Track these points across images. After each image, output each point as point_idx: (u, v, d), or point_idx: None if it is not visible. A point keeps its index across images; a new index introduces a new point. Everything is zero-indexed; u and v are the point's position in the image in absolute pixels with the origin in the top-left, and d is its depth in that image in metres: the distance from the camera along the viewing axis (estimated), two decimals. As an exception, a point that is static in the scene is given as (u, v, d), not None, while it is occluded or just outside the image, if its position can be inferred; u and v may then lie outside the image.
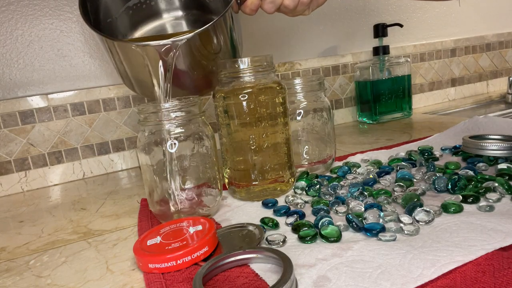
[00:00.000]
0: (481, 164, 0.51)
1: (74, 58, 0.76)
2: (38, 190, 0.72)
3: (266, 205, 0.47)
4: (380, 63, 0.94)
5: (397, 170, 0.53)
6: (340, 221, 0.39)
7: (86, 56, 0.77)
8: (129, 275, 0.35)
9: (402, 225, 0.36)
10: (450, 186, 0.43)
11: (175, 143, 0.43)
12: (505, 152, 0.50)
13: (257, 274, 0.32)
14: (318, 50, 1.00)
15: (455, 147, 0.60)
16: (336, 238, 0.36)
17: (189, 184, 0.45)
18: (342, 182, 0.51)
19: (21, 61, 0.72)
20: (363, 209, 0.41)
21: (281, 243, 0.36)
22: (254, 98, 0.47)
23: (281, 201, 0.48)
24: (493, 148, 0.51)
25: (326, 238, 0.36)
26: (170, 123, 0.43)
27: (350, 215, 0.38)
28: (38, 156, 0.73)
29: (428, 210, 0.38)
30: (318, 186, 0.49)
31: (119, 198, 0.61)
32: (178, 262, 0.34)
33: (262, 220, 0.41)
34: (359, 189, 0.46)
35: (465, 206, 0.39)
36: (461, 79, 1.21)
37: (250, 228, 0.40)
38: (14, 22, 0.71)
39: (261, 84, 0.47)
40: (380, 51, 0.95)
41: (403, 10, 1.10)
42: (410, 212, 0.38)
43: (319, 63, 0.98)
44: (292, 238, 0.38)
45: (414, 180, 0.49)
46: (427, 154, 0.58)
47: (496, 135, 0.56)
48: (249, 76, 0.47)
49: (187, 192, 0.45)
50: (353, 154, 0.65)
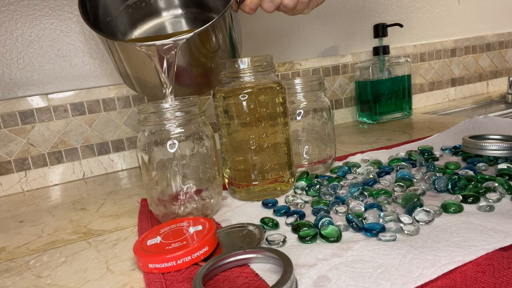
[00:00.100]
0: (481, 164, 0.51)
1: (74, 58, 0.76)
2: (38, 190, 0.72)
3: (266, 205, 0.47)
4: (380, 63, 0.94)
5: (397, 170, 0.53)
6: (340, 221, 0.39)
7: (86, 56, 0.77)
8: (129, 275, 0.35)
9: (402, 225, 0.36)
10: (450, 186, 0.43)
11: (175, 143, 0.43)
12: (505, 152, 0.50)
13: (257, 274, 0.32)
14: (318, 50, 1.00)
15: (455, 147, 0.60)
16: (336, 238, 0.36)
17: (189, 184, 0.45)
18: (342, 182, 0.51)
19: (21, 61, 0.73)
20: (363, 209, 0.41)
21: (281, 243, 0.36)
22: (254, 98, 0.46)
23: (281, 201, 0.48)
24: (493, 148, 0.51)
25: (326, 238, 0.36)
26: (170, 123, 0.43)
27: (350, 215, 0.38)
28: (38, 156, 0.73)
29: (428, 210, 0.38)
30: (318, 186, 0.49)
31: (119, 198, 0.61)
32: (178, 262, 0.34)
33: (262, 220, 0.41)
34: (359, 189, 0.46)
35: (465, 206, 0.39)
36: (461, 79, 1.21)
37: (250, 228, 0.40)
38: (14, 22, 0.71)
39: (261, 84, 0.47)
40: (380, 51, 0.95)
41: (403, 10, 1.10)
42: (410, 212, 0.38)
43: (319, 63, 0.98)
44: (292, 238, 0.38)
45: (414, 180, 0.49)
46: (427, 154, 0.58)
47: (496, 135, 0.56)
48: (249, 76, 0.47)
49: (187, 192, 0.45)
50: (353, 154, 0.65)
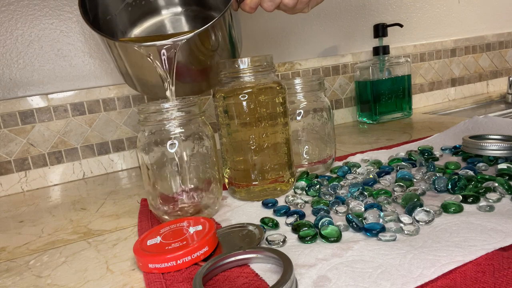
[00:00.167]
0: (481, 164, 0.51)
1: (74, 58, 0.76)
2: (38, 190, 0.72)
3: (266, 205, 0.47)
4: (380, 63, 0.94)
5: (397, 170, 0.53)
6: (340, 221, 0.39)
7: (86, 56, 0.77)
8: (129, 275, 0.35)
9: (402, 225, 0.36)
10: (450, 186, 0.43)
11: (175, 143, 0.43)
12: (505, 152, 0.50)
13: (257, 274, 0.32)
14: (318, 50, 1.00)
15: (455, 147, 0.60)
16: (336, 238, 0.36)
17: (189, 184, 0.45)
18: (342, 182, 0.51)
19: (21, 61, 0.73)
20: (363, 209, 0.41)
21: (281, 243, 0.36)
22: (254, 98, 0.46)
23: (281, 201, 0.48)
24: (493, 148, 0.51)
25: (326, 238, 0.36)
26: (170, 123, 0.43)
27: (350, 215, 0.38)
28: (38, 156, 0.73)
29: (428, 210, 0.38)
30: (318, 186, 0.49)
31: (119, 198, 0.61)
32: (178, 262, 0.34)
33: (262, 220, 0.41)
34: (359, 189, 0.46)
35: (465, 206, 0.39)
36: (461, 79, 1.21)
37: (250, 228, 0.40)
38: (14, 22, 0.71)
39: (261, 84, 0.47)
40: (380, 51, 0.95)
41: (403, 10, 1.10)
42: (410, 212, 0.38)
43: (319, 63, 0.98)
44: (292, 238, 0.38)
45: (414, 180, 0.49)
46: (427, 154, 0.58)
47: (496, 135, 0.56)
48: (249, 76, 0.47)
49: (187, 192, 0.45)
50: (353, 154, 0.65)
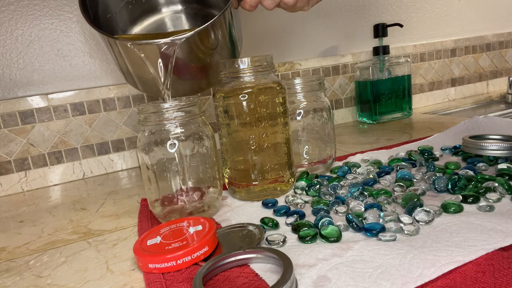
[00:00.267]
0: (481, 164, 0.51)
1: (74, 58, 0.76)
2: (38, 190, 0.72)
3: (266, 205, 0.47)
4: (380, 63, 0.94)
5: (397, 170, 0.53)
6: (340, 221, 0.39)
7: (86, 56, 0.77)
8: (129, 275, 0.35)
9: (402, 225, 0.36)
10: (450, 186, 0.43)
11: (175, 143, 0.43)
12: (505, 152, 0.50)
13: (257, 274, 0.32)
14: (318, 50, 1.00)
15: (455, 147, 0.60)
16: (336, 238, 0.36)
17: (189, 184, 0.45)
18: (342, 182, 0.51)
19: (21, 61, 0.73)
20: (363, 209, 0.41)
21: (281, 243, 0.36)
22: (254, 98, 0.46)
23: (281, 201, 0.48)
24: (493, 148, 0.51)
25: (326, 238, 0.36)
26: (170, 123, 0.43)
27: (350, 215, 0.38)
28: (38, 156, 0.73)
29: (428, 210, 0.38)
30: (318, 186, 0.49)
31: (119, 198, 0.61)
32: (178, 262, 0.34)
33: (262, 220, 0.41)
34: (359, 189, 0.46)
35: (465, 206, 0.39)
36: (461, 79, 1.21)
37: (250, 228, 0.40)
38: (14, 22, 0.71)
39: (261, 84, 0.47)
40: (380, 51, 0.95)
41: (403, 10, 1.10)
42: (410, 212, 0.38)
43: (319, 63, 0.98)
44: (292, 238, 0.38)
45: (414, 180, 0.49)
46: (427, 154, 0.58)
47: (496, 135, 0.56)
48: (249, 76, 0.47)
49: (187, 192, 0.45)
50: (353, 154, 0.65)
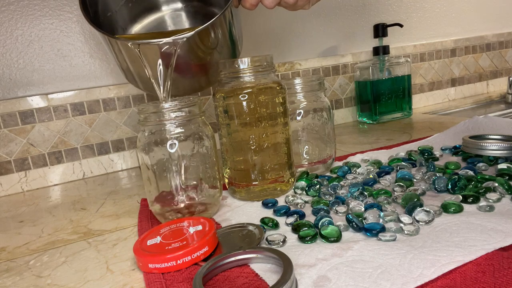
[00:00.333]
0: (481, 164, 0.51)
1: (74, 58, 0.76)
2: (38, 190, 0.72)
3: (266, 205, 0.47)
4: (380, 63, 0.94)
5: (397, 170, 0.53)
6: (340, 221, 0.39)
7: (86, 56, 0.77)
8: (129, 275, 0.35)
9: (402, 225, 0.36)
10: (450, 186, 0.43)
11: (175, 143, 0.43)
12: (505, 152, 0.50)
13: (257, 274, 0.32)
14: (318, 50, 1.00)
15: (455, 147, 0.60)
16: (336, 238, 0.36)
17: (189, 184, 0.45)
18: (342, 182, 0.51)
19: (21, 61, 0.72)
20: (363, 209, 0.41)
21: (281, 243, 0.36)
22: (254, 98, 0.46)
23: (281, 201, 0.48)
24: (493, 148, 0.51)
25: (326, 238, 0.36)
26: (170, 123, 0.43)
27: (350, 215, 0.38)
28: (38, 156, 0.73)
29: (428, 210, 0.38)
30: (318, 186, 0.49)
31: (119, 198, 0.61)
32: (178, 262, 0.34)
33: (262, 220, 0.41)
34: (359, 189, 0.46)
35: (465, 206, 0.39)
36: (461, 79, 1.21)
37: (250, 228, 0.40)
38: (14, 22, 0.71)
39: (261, 84, 0.47)
40: (380, 51, 0.95)
41: (403, 10, 1.10)
42: (410, 212, 0.38)
43: (319, 63, 0.98)
44: (292, 238, 0.38)
45: (414, 180, 0.49)
46: (427, 154, 0.58)
47: (496, 135, 0.56)
48: (249, 76, 0.47)
49: (187, 192, 0.45)
50: (353, 154, 0.65)
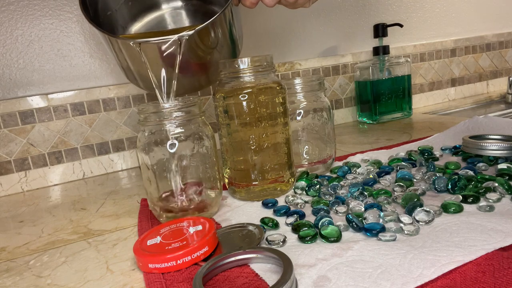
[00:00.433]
0: (481, 164, 0.51)
1: (74, 58, 0.76)
2: (38, 190, 0.72)
3: (266, 205, 0.47)
4: (380, 63, 0.94)
5: (397, 170, 0.53)
6: (340, 221, 0.39)
7: (86, 56, 0.77)
8: (129, 275, 0.35)
9: (402, 225, 0.36)
10: (450, 186, 0.43)
11: (175, 143, 0.43)
12: (505, 152, 0.50)
13: (257, 274, 0.32)
14: (318, 50, 1.00)
15: (455, 147, 0.60)
16: (336, 238, 0.36)
17: (189, 184, 0.45)
18: (342, 182, 0.51)
19: (21, 61, 0.72)
20: (363, 209, 0.41)
21: (281, 243, 0.36)
22: (254, 98, 0.46)
23: (281, 201, 0.48)
24: (493, 148, 0.51)
25: (326, 238, 0.36)
26: (170, 123, 0.43)
27: (350, 215, 0.38)
28: (38, 156, 0.73)
29: (428, 210, 0.38)
30: (318, 186, 0.49)
31: (119, 198, 0.61)
32: (178, 262, 0.34)
33: (262, 220, 0.41)
34: (359, 189, 0.46)
35: (465, 206, 0.39)
36: (461, 79, 1.21)
37: (250, 228, 0.40)
38: (14, 22, 0.71)
39: (261, 84, 0.47)
40: (380, 51, 0.95)
41: (403, 10, 1.10)
42: (410, 212, 0.38)
43: (319, 63, 0.98)
44: (292, 238, 0.38)
45: (414, 180, 0.49)
46: (427, 154, 0.58)
47: (496, 135, 0.56)
48: (249, 76, 0.47)
49: (187, 192, 0.45)
50: (353, 154, 0.65)
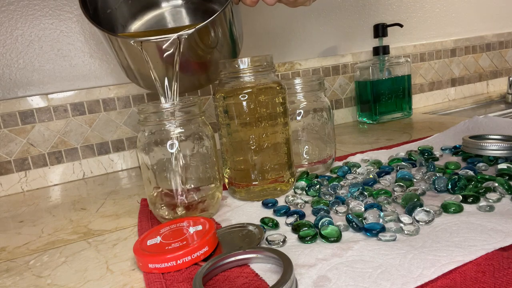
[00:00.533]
0: (481, 164, 0.51)
1: (74, 58, 0.76)
2: (38, 190, 0.72)
3: (266, 205, 0.47)
4: (380, 63, 0.94)
5: (397, 170, 0.53)
6: (340, 221, 0.39)
7: (86, 56, 0.77)
8: (129, 275, 0.35)
9: (402, 225, 0.36)
10: (450, 186, 0.43)
11: (175, 143, 0.43)
12: (505, 152, 0.50)
13: (257, 274, 0.32)
14: (318, 50, 1.00)
15: (455, 147, 0.60)
16: (336, 238, 0.36)
17: (189, 184, 0.45)
18: (342, 182, 0.51)
19: (21, 61, 0.72)
20: (363, 209, 0.41)
21: (281, 243, 0.36)
22: (254, 98, 0.46)
23: (281, 201, 0.48)
24: (493, 148, 0.51)
25: (326, 238, 0.36)
26: (170, 123, 0.43)
27: (350, 215, 0.38)
28: (38, 156, 0.73)
29: (428, 210, 0.38)
30: (318, 186, 0.49)
31: (119, 198, 0.61)
32: (178, 262, 0.34)
33: (262, 220, 0.41)
34: (359, 189, 0.46)
35: (465, 206, 0.39)
36: (461, 79, 1.21)
37: (250, 228, 0.40)
38: (14, 22, 0.71)
39: (261, 84, 0.47)
40: (380, 51, 0.95)
41: (403, 10, 1.10)
42: (410, 212, 0.38)
43: (319, 63, 0.98)
44: (292, 238, 0.38)
45: (414, 180, 0.49)
46: (427, 154, 0.58)
47: (496, 135, 0.56)
48: (249, 76, 0.47)
49: (187, 192, 0.45)
50: (353, 154, 0.65)
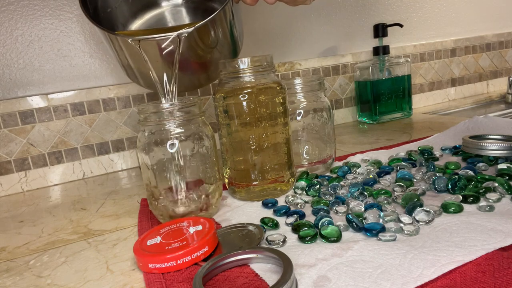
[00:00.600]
0: (481, 164, 0.51)
1: (74, 58, 0.76)
2: (38, 190, 0.72)
3: (266, 205, 0.47)
4: (380, 63, 0.94)
5: (397, 170, 0.53)
6: (340, 221, 0.39)
7: (86, 56, 0.77)
8: (129, 275, 0.35)
9: (402, 225, 0.36)
10: (450, 186, 0.43)
11: (175, 143, 0.43)
12: (505, 152, 0.50)
13: (257, 274, 0.32)
14: (318, 50, 1.00)
15: (455, 147, 0.60)
16: (336, 238, 0.36)
17: (189, 184, 0.45)
18: (342, 182, 0.51)
19: (21, 61, 0.72)
20: (363, 209, 0.41)
21: (281, 243, 0.36)
22: (254, 98, 0.46)
23: (281, 201, 0.48)
24: (493, 148, 0.51)
25: (326, 238, 0.36)
26: (170, 123, 0.43)
27: (350, 215, 0.38)
28: (38, 156, 0.73)
29: (428, 210, 0.38)
30: (318, 186, 0.49)
31: (119, 198, 0.61)
32: (178, 262, 0.34)
33: (262, 220, 0.41)
34: (359, 189, 0.46)
35: (465, 206, 0.39)
36: (461, 79, 1.21)
37: (250, 228, 0.40)
38: (14, 22, 0.71)
39: (261, 84, 0.47)
40: (380, 51, 0.95)
41: (403, 10, 1.10)
42: (410, 212, 0.38)
43: (319, 63, 0.98)
44: (292, 238, 0.38)
45: (414, 180, 0.49)
46: (427, 154, 0.58)
47: (496, 135, 0.56)
48: (249, 76, 0.47)
49: (187, 192, 0.45)
50: (353, 154, 0.65)
